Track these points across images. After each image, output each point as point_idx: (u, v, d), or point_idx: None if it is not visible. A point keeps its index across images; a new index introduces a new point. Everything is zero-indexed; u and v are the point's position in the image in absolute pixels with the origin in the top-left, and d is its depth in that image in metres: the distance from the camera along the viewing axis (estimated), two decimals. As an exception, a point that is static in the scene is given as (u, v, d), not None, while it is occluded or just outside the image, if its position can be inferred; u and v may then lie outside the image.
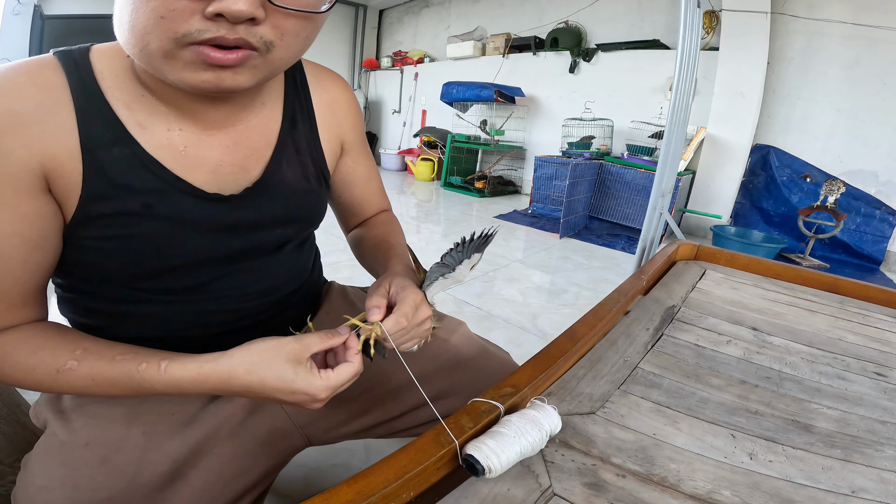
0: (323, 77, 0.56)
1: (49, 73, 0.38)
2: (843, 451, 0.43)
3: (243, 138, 0.47)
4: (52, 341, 0.40)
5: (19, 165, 0.36)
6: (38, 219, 0.38)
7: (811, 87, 3.08)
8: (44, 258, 0.40)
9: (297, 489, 0.91)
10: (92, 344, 0.41)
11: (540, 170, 3.74)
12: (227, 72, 0.35)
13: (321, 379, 0.39)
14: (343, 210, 0.66)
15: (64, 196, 0.39)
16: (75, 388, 0.39)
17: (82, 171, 0.39)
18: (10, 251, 0.38)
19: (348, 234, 0.69)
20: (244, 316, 0.52)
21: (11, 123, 0.35)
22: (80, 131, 0.39)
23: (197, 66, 0.34)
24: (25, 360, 0.39)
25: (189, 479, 0.44)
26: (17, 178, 0.36)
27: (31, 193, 0.37)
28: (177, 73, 0.35)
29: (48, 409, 0.48)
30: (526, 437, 0.36)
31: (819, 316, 0.76)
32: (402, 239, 0.62)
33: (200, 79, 0.35)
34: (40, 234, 0.39)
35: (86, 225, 0.40)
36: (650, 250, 2.01)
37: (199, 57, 0.33)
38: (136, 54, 0.35)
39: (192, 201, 0.44)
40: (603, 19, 4.16)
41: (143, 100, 0.41)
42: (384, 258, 0.55)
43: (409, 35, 6.12)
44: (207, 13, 0.31)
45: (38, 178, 0.38)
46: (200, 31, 0.32)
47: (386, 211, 0.69)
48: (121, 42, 0.36)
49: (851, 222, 3.02)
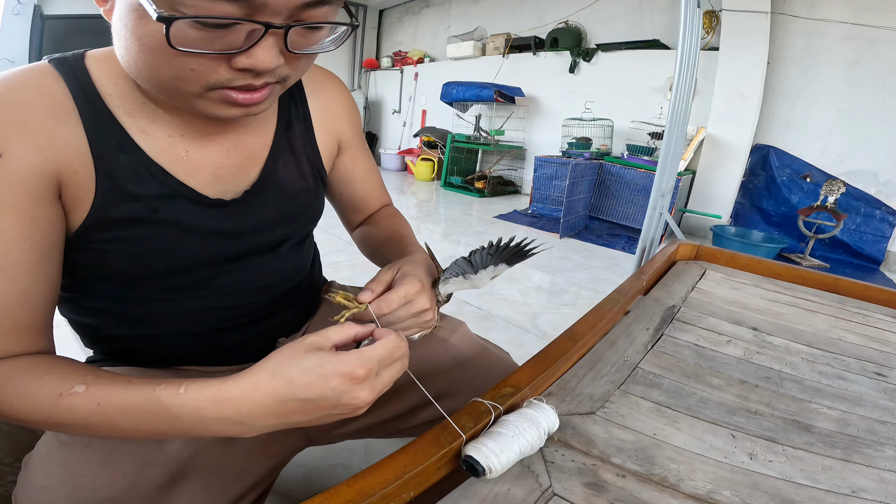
0: (318, 77, 0.57)
1: (49, 82, 0.38)
2: (843, 451, 0.43)
3: (241, 141, 0.47)
4: (62, 368, 0.37)
5: (34, 171, 0.36)
6: (48, 224, 0.38)
7: (811, 87, 3.09)
8: (51, 268, 0.39)
9: (297, 489, 0.91)
10: (106, 372, 0.37)
11: (540, 170, 3.74)
12: (253, 106, 0.37)
13: (351, 355, 0.34)
14: (345, 207, 0.66)
15: (74, 203, 0.39)
16: (75, 416, 0.34)
17: (95, 177, 0.39)
18: (20, 258, 0.36)
19: (353, 232, 0.69)
20: (243, 312, 0.52)
21: (22, 131, 0.35)
22: (88, 138, 0.39)
23: (226, 105, 0.36)
24: (27, 385, 0.35)
25: (190, 479, 0.44)
26: (32, 182, 0.36)
27: (45, 199, 0.37)
28: (207, 109, 0.37)
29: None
30: (524, 437, 0.36)
31: (819, 316, 0.76)
32: (410, 230, 0.62)
33: (229, 113, 0.37)
34: (49, 241, 0.39)
35: (96, 230, 0.41)
36: (650, 250, 2.01)
37: (227, 99, 0.36)
38: (157, 91, 0.37)
39: (196, 207, 0.44)
40: (603, 19, 4.16)
41: (143, 107, 0.41)
42: (399, 248, 0.55)
43: (409, 35, 6.12)
44: (235, 65, 0.33)
45: (51, 184, 0.37)
46: (229, 80, 0.34)
47: (388, 205, 0.69)
48: (133, 75, 0.37)
49: (851, 222, 3.02)
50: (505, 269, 0.43)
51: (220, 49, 0.32)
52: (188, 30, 0.30)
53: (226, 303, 0.50)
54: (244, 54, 0.33)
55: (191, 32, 0.30)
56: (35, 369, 0.36)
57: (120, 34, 0.34)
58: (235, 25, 0.31)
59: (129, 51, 0.34)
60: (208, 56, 0.32)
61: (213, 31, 0.31)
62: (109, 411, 0.34)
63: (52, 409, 0.34)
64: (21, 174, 0.35)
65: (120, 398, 0.34)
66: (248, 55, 0.33)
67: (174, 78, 0.34)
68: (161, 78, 0.34)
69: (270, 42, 0.33)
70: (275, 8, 0.31)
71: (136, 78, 0.37)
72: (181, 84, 0.34)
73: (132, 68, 0.36)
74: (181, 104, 0.38)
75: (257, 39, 0.32)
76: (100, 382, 0.35)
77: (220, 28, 0.31)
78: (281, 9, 0.32)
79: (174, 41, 0.30)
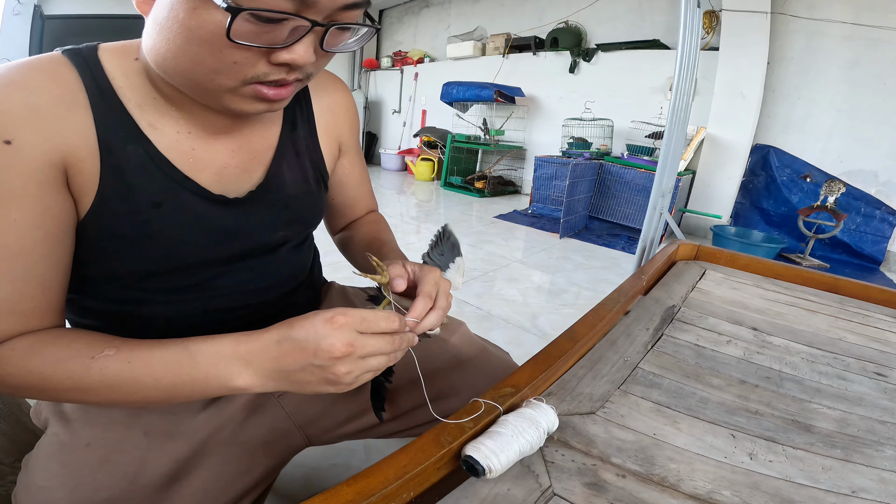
0: (323, 80, 0.57)
1: (63, 70, 0.38)
2: (843, 451, 0.43)
3: (246, 141, 0.48)
4: (87, 335, 0.39)
5: (42, 159, 0.36)
6: (60, 212, 0.38)
7: (811, 87, 3.08)
8: (64, 254, 0.40)
9: (297, 489, 0.91)
10: (131, 340, 0.39)
11: (540, 170, 3.74)
12: (278, 102, 0.39)
13: (339, 308, 0.36)
14: (333, 211, 0.67)
15: (81, 192, 0.39)
16: (104, 377, 0.36)
17: (100, 167, 0.39)
18: (33, 245, 0.37)
19: (335, 235, 0.70)
20: (244, 314, 0.52)
21: (32, 117, 0.35)
22: (97, 128, 0.39)
23: (254, 101, 0.38)
24: (57, 352, 0.37)
25: (190, 479, 0.44)
26: (40, 171, 0.36)
27: (54, 187, 0.38)
28: (234, 104, 0.38)
29: (49, 409, 0.48)
30: (524, 436, 0.36)
31: (819, 316, 0.76)
32: (392, 237, 0.63)
33: (255, 108, 0.39)
34: (62, 228, 0.39)
35: (98, 223, 0.41)
36: (650, 250, 2.01)
37: (257, 93, 0.37)
38: (188, 86, 0.38)
39: (200, 202, 0.44)
40: (603, 19, 4.15)
41: (154, 102, 0.42)
42: (379, 255, 0.55)
43: (409, 35, 6.12)
44: (274, 60, 0.35)
45: (59, 172, 0.38)
46: (266, 74, 0.36)
47: (374, 211, 0.70)
48: (164, 68, 0.37)
49: (851, 222, 3.02)
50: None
51: (267, 43, 0.34)
52: (244, 23, 0.32)
53: (226, 304, 0.50)
54: (286, 49, 0.34)
55: (245, 26, 0.32)
56: (60, 338, 0.38)
57: (163, 24, 0.34)
58: (284, 21, 0.33)
59: (172, 42, 0.34)
60: (254, 50, 0.34)
61: (264, 25, 0.32)
62: (138, 367, 0.36)
63: (83, 372, 0.36)
64: (30, 162, 0.35)
65: (149, 352, 0.37)
66: (290, 50, 0.34)
67: (214, 71, 0.35)
68: (201, 71, 0.35)
69: (310, 39, 0.35)
70: (322, 7, 0.33)
71: (167, 71, 0.37)
72: (218, 77, 0.35)
73: (168, 60, 0.36)
74: (208, 99, 0.38)
75: (301, 36, 0.34)
76: (129, 344, 0.38)
77: (271, 22, 0.32)
78: (326, 8, 0.34)
79: (233, 33, 0.31)
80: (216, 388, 0.37)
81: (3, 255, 0.36)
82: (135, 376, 0.36)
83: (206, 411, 0.49)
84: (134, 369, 0.36)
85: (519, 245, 2.89)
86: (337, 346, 0.35)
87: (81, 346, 0.37)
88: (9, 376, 0.36)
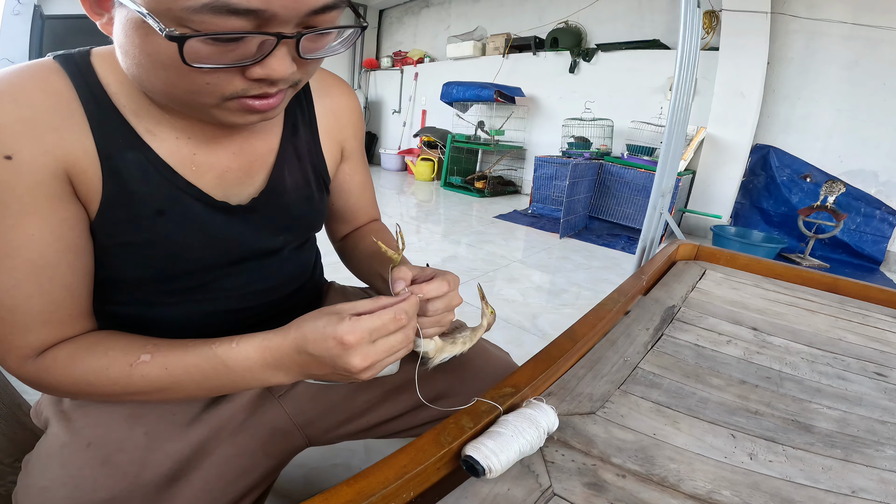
0: (328, 83, 0.56)
1: (54, 78, 0.38)
2: (843, 451, 0.43)
3: (247, 144, 0.47)
4: (121, 341, 0.40)
5: (45, 171, 0.36)
6: (77, 222, 0.39)
7: (811, 87, 3.08)
8: (87, 260, 0.40)
9: (297, 489, 0.91)
10: (160, 340, 0.41)
11: (540, 170, 3.74)
12: (270, 111, 0.38)
13: (348, 322, 0.36)
14: (335, 217, 0.66)
15: (86, 200, 0.39)
16: (148, 382, 0.39)
17: (101, 176, 0.39)
18: (57, 257, 0.37)
19: (337, 242, 0.69)
20: (246, 316, 0.52)
21: (28, 130, 0.35)
22: (94, 137, 0.38)
23: (244, 113, 0.37)
24: (97, 361, 0.39)
25: (190, 479, 0.44)
26: (47, 183, 0.36)
27: (64, 198, 0.38)
28: (224, 118, 0.37)
29: (49, 409, 0.48)
30: (524, 436, 0.36)
31: (819, 316, 0.76)
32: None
33: (247, 120, 0.38)
34: (80, 236, 0.39)
35: (102, 231, 0.41)
36: (650, 250, 2.01)
37: (244, 107, 0.36)
38: (174, 104, 0.37)
39: (203, 209, 0.44)
40: (603, 19, 4.15)
41: (149, 109, 0.41)
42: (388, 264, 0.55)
43: (409, 35, 6.11)
44: (249, 76, 0.34)
45: (65, 183, 0.37)
46: (245, 90, 0.35)
47: (377, 220, 0.69)
48: (145, 89, 0.37)
49: (851, 222, 3.02)
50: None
51: (234, 61, 0.32)
52: (200, 46, 0.30)
53: (229, 306, 0.50)
54: (258, 65, 0.33)
55: (203, 48, 0.30)
56: (96, 346, 0.39)
57: (127, 50, 0.33)
58: (247, 38, 0.31)
59: (141, 67, 0.34)
60: (223, 69, 0.32)
61: (224, 45, 0.31)
62: (177, 373, 0.39)
63: (127, 380, 0.38)
64: (34, 175, 0.35)
65: (182, 360, 0.39)
66: (263, 65, 0.33)
67: (190, 92, 0.34)
68: (177, 92, 0.34)
69: (283, 51, 0.33)
70: (284, 18, 0.31)
71: (149, 92, 0.37)
72: (198, 97, 0.35)
73: (145, 83, 0.36)
74: (198, 115, 0.38)
75: (270, 50, 0.32)
76: (161, 349, 0.39)
77: (231, 42, 0.31)
78: (290, 18, 0.31)
79: (188, 58, 0.30)
80: (254, 387, 0.41)
81: (29, 269, 0.36)
82: (175, 381, 0.39)
83: (207, 412, 0.49)
84: (173, 375, 0.39)
85: (519, 245, 2.89)
86: (354, 364, 0.36)
87: (118, 354, 0.39)
88: (59, 385, 0.39)
